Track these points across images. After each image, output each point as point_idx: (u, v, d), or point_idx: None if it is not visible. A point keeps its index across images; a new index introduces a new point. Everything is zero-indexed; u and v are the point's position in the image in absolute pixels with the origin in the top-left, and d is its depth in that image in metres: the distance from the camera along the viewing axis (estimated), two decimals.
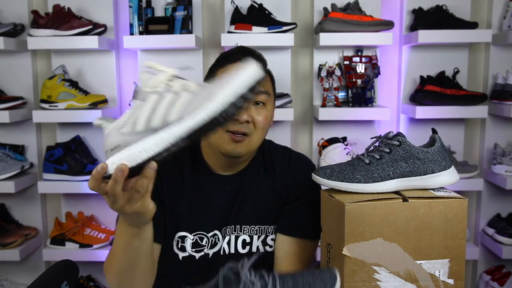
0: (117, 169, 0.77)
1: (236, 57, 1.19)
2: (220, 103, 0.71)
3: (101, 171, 0.79)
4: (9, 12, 2.21)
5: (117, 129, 0.78)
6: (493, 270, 2.30)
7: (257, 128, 1.15)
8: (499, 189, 2.26)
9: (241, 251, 1.21)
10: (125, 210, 0.86)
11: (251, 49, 1.24)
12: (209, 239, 1.20)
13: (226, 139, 1.12)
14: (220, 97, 0.71)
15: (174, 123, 0.74)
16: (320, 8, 2.15)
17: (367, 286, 0.94)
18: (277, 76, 2.19)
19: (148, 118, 0.75)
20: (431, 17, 2.11)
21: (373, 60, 2.15)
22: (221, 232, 1.20)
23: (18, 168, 2.13)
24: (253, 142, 1.15)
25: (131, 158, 0.76)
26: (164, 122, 0.75)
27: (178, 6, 2.08)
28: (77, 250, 2.18)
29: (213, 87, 0.73)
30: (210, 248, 1.20)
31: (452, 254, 0.94)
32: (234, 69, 0.75)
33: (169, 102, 0.75)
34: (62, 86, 2.07)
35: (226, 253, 1.20)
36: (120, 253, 1.04)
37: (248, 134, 1.13)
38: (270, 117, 1.20)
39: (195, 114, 0.72)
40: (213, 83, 0.75)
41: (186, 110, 0.73)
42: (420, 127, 2.26)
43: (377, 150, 1.00)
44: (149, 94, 0.76)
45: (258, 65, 0.74)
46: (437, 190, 0.98)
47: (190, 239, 1.19)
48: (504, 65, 2.22)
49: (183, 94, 0.75)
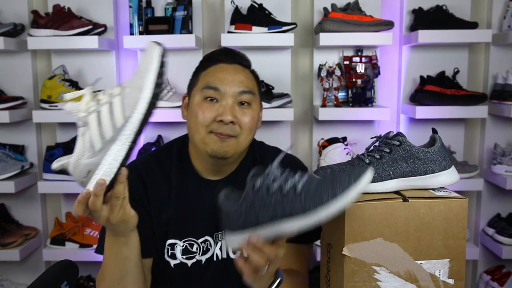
0: (96, 184, 0.83)
1: (218, 59, 1.19)
2: (149, 88, 0.81)
3: (86, 196, 0.84)
4: (9, 12, 2.21)
5: (79, 159, 0.84)
6: (493, 270, 2.30)
7: (243, 129, 1.13)
8: (499, 189, 2.26)
9: (232, 257, 1.19)
10: (111, 221, 0.90)
11: (233, 49, 1.24)
12: (199, 245, 1.18)
13: (212, 138, 1.12)
14: (147, 83, 0.81)
15: (124, 124, 0.82)
16: (320, 8, 2.15)
17: (367, 286, 0.93)
18: (277, 76, 2.21)
19: (101, 135, 0.83)
20: (431, 17, 2.11)
21: (373, 60, 2.15)
22: (212, 237, 1.19)
23: (18, 168, 2.13)
24: (240, 143, 1.14)
25: (107, 172, 0.83)
26: (115, 129, 0.82)
27: (178, 6, 2.08)
28: (77, 250, 2.18)
29: (134, 81, 0.83)
30: (202, 254, 1.18)
31: (452, 254, 0.94)
32: (142, 57, 0.84)
33: (108, 112, 0.83)
34: (62, 86, 2.07)
35: (219, 258, 1.19)
36: (111, 265, 1.05)
37: (234, 136, 1.12)
38: (257, 117, 1.18)
39: (136, 107, 0.81)
40: (131, 78, 0.84)
41: (126, 110, 0.82)
42: (420, 127, 2.26)
43: (377, 150, 1.00)
44: (87, 117, 0.84)
45: (157, 44, 0.82)
46: (437, 190, 0.98)
47: (180, 246, 1.17)
48: (504, 65, 2.22)
49: (114, 100, 0.83)
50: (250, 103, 1.16)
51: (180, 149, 1.24)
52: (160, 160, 1.22)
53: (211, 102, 1.13)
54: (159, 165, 1.21)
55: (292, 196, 0.83)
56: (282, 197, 0.83)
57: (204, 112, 1.12)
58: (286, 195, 0.83)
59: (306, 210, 0.82)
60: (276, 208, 0.83)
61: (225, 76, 1.15)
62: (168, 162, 1.21)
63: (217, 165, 1.18)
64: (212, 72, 1.17)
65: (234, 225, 0.88)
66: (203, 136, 1.12)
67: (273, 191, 0.83)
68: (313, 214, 0.82)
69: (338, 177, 0.83)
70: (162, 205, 1.18)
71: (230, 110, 1.11)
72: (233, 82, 1.14)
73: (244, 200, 0.86)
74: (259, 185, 0.84)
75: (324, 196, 0.82)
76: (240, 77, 1.16)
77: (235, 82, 1.14)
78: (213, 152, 1.12)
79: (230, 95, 1.13)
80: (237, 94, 1.13)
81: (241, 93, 1.14)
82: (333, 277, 1.01)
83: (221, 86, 1.13)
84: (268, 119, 2.07)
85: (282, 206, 0.83)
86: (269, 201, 0.84)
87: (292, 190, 0.83)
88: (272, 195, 0.84)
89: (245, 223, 0.87)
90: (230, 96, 1.13)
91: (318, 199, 0.82)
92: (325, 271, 1.06)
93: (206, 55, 1.24)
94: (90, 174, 0.83)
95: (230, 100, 1.13)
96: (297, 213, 0.82)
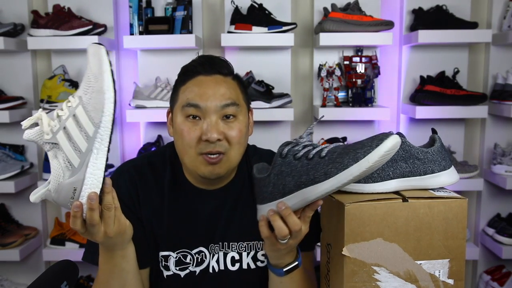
0: (88, 198, 0.81)
1: (195, 71, 1.11)
2: (110, 85, 0.81)
3: (79, 209, 0.82)
4: (9, 12, 2.21)
5: (60, 182, 0.82)
6: (493, 270, 2.30)
7: (232, 143, 1.07)
8: (499, 189, 2.26)
9: (231, 269, 1.16)
10: (108, 234, 0.89)
11: (212, 56, 1.16)
12: (193, 256, 1.14)
13: (201, 162, 1.06)
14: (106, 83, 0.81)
15: (97, 130, 0.81)
16: (320, 8, 2.15)
17: (367, 286, 0.93)
18: (277, 76, 2.22)
19: (75, 149, 0.81)
20: (431, 17, 2.11)
21: (373, 60, 2.15)
22: (207, 249, 1.15)
23: (18, 168, 2.13)
24: (232, 158, 1.08)
25: (95, 184, 0.82)
26: (89, 138, 0.81)
27: (178, 6, 2.08)
28: (77, 250, 2.18)
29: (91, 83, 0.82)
30: (196, 266, 1.14)
31: (452, 254, 0.94)
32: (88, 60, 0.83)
33: (75, 124, 0.81)
34: (62, 86, 2.07)
35: (215, 270, 1.15)
36: (109, 280, 1.02)
37: (223, 153, 1.06)
38: (245, 128, 1.11)
39: (103, 110, 0.81)
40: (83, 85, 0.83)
41: (94, 115, 0.81)
42: (420, 127, 2.26)
43: None
44: (54, 136, 0.81)
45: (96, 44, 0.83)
46: (437, 190, 0.98)
47: (173, 257, 1.13)
48: (504, 65, 2.22)
49: (77, 110, 0.81)
50: (236, 115, 1.09)
51: (171, 157, 1.18)
52: (153, 164, 1.17)
53: (194, 120, 1.07)
54: (152, 170, 1.16)
55: (317, 161, 0.83)
56: (307, 163, 0.84)
57: (189, 132, 1.06)
58: (311, 160, 0.83)
59: (328, 174, 0.82)
60: (302, 174, 0.84)
61: (205, 90, 1.07)
62: (161, 168, 1.17)
63: (210, 182, 1.14)
64: (190, 87, 1.09)
65: (263, 195, 0.89)
66: (193, 159, 1.07)
67: (300, 156, 0.84)
68: (335, 178, 0.82)
69: (362, 142, 0.84)
70: (154, 215, 1.14)
71: (214, 127, 1.04)
72: (213, 97, 1.06)
73: (273, 168, 0.86)
74: (286, 152, 0.85)
75: (345, 159, 0.82)
76: (221, 90, 1.08)
77: (216, 96, 1.06)
78: (204, 175, 1.08)
79: (213, 111, 1.06)
80: (220, 109, 1.06)
81: (224, 106, 1.06)
82: (333, 277, 1.01)
83: (202, 103, 1.06)
84: (268, 119, 2.07)
85: (307, 171, 0.84)
86: (295, 166, 0.84)
87: (317, 156, 0.84)
88: (298, 160, 0.84)
89: (273, 192, 0.88)
90: (212, 112, 1.05)
91: (340, 162, 0.82)
92: (325, 272, 1.06)
93: (184, 67, 1.15)
94: (77, 192, 0.81)
95: (214, 117, 1.06)
96: (320, 178, 0.83)
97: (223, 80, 1.11)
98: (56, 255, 2.18)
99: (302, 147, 0.87)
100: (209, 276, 1.15)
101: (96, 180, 0.82)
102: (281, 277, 1.03)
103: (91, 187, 0.81)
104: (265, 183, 0.89)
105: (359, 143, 0.84)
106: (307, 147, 0.86)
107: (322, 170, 0.83)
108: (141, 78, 2.23)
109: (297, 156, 0.84)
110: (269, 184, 0.88)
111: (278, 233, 0.89)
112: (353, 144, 0.85)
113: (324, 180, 0.83)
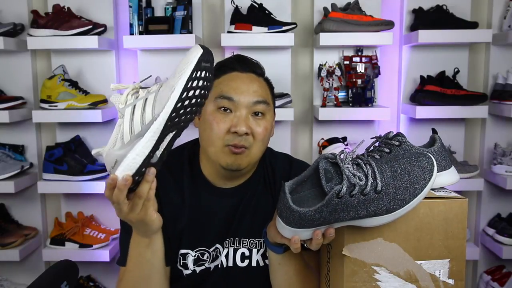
0: (121, 179, 0.83)
1: (231, 67, 1.16)
2: (180, 87, 0.81)
3: (112, 182, 0.84)
4: (9, 12, 2.20)
5: (111, 148, 0.86)
6: (494, 270, 2.30)
7: (256, 139, 1.11)
8: (499, 189, 2.26)
9: (240, 265, 1.18)
10: (130, 218, 0.91)
11: (247, 57, 1.21)
12: (210, 253, 1.17)
13: (226, 152, 1.09)
14: (179, 84, 0.81)
15: (152, 121, 0.83)
16: (320, 8, 2.15)
17: (367, 286, 0.93)
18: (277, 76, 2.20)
19: (131, 128, 0.85)
20: (431, 17, 2.11)
21: (373, 60, 2.14)
22: (222, 245, 1.18)
23: (18, 168, 2.13)
24: (253, 154, 1.12)
25: (130, 166, 0.84)
26: (143, 125, 0.84)
27: (178, 6, 2.08)
28: (77, 250, 2.17)
29: (170, 80, 0.83)
30: (211, 262, 1.17)
31: (452, 254, 0.94)
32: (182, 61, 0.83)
33: (141, 107, 0.85)
34: (62, 86, 2.07)
35: (224, 266, 1.17)
36: (133, 268, 1.05)
37: (247, 147, 1.10)
38: (270, 127, 1.16)
39: (164, 106, 0.82)
40: (169, 78, 0.85)
41: (156, 107, 0.83)
42: (420, 127, 2.25)
43: (377, 150, 1.00)
44: (124, 109, 0.87)
45: (199, 47, 0.83)
46: (437, 190, 0.98)
47: (192, 256, 1.16)
48: (504, 65, 2.22)
49: (150, 96, 0.85)
50: (264, 114, 1.13)
51: (190, 156, 1.21)
52: (170, 167, 1.18)
53: (225, 112, 1.10)
54: (170, 173, 1.18)
55: (373, 196, 0.85)
56: (364, 199, 0.85)
57: (219, 123, 1.09)
58: (367, 195, 0.85)
59: (390, 210, 0.87)
60: (359, 209, 0.86)
61: (239, 85, 1.12)
62: (178, 169, 1.19)
63: (229, 176, 1.16)
64: (225, 81, 1.13)
65: (303, 223, 0.88)
66: (218, 149, 1.10)
67: (355, 193, 0.85)
68: (396, 213, 0.87)
69: (412, 173, 0.87)
70: (175, 216, 1.16)
71: (244, 121, 1.08)
72: (247, 92, 1.11)
73: (325, 207, 0.85)
74: (343, 193, 0.84)
75: (406, 196, 0.87)
76: (254, 87, 1.13)
77: (250, 92, 1.11)
78: (227, 165, 1.11)
79: (245, 106, 1.10)
80: (252, 105, 1.11)
81: (255, 103, 1.11)
82: (333, 277, 1.00)
83: (235, 96, 1.10)
84: None
85: (365, 207, 0.86)
86: (351, 203, 0.85)
87: (373, 191, 0.85)
88: (354, 196, 0.85)
89: (322, 223, 0.88)
90: (244, 106, 1.10)
91: (401, 200, 0.87)
92: (325, 271, 1.06)
93: (219, 62, 1.20)
94: (116, 166, 0.85)
95: (244, 111, 1.10)
96: (381, 213, 0.87)
97: (256, 79, 1.16)
98: (56, 255, 2.18)
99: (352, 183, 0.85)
100: (218, 271, 1.17)
101: (132, 164, 0.83)
102: (280, 257, 1.06)
103: (126, 168, 0.84)
104: (311, 217, 0.87)
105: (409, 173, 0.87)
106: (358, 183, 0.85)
107: (384, 207, 0.86)
108: (141, 78, 2.23)
109: (352, 193, 0.84)
110: (319, 218, 0.86)
111: (314, 247, 0.93)
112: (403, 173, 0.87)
113: (386, 215, 0.87)
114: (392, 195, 0.86)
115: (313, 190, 0.92)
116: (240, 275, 1.18)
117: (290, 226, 0.90)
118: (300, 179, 0.92)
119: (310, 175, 0.91)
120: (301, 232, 0.90)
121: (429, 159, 0.88)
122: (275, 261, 1.08)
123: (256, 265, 1.18)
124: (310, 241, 0.92)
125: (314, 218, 0.86)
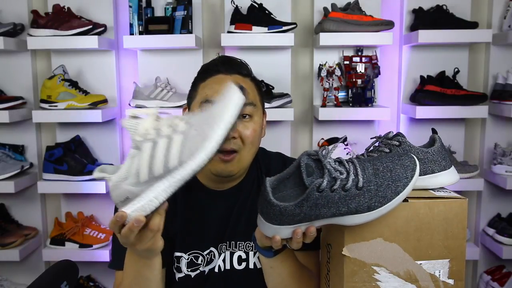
0: (134, 220, 0.78)
1: (216, 69, 1.14)
2: (215, 141, 0.75)
3: (120, 220, 0.80)
4: (9, 12, 2.21)
5: (121, 181, 0.79)
6: (494, 270, 2.30)
7: (245, 143, 1.09)
8: (499, 189, 2.26)
9: (237, 268, 1.17)
10: (136, 248, 0.87)
11: (232, 58, 1.19)
12: (204, 257, 1.15)
13: (215, 160, 1.07)
14: (215, 136, 0.75)
15: (177, 167, 0.76)
16: (320, 8, 2.15)
17: (367, 286, 0.93)
18: (277, 76, 2.21)
19: (150, 168, 0.77)
20: (431, 17, 2.11)
21: (373, 60, 2.14)
22: (217, 249, 1.16)
23: (18, 168, 2.13)
24: (244, 158, 1.11)
25: (145, 208, 0.78)
26: (166, 169, 0.76)
27: (178, 6, 2.08)
28: (77, 250, 2.18)
29: (203, 125, 0.76)
30: (206, 265, 1.16)
31: (452, 254, 0.94)
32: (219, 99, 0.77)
33: (165, 148, 0.77)
34: (62, 86, 2.07)
35: (221, 270, 1.16)
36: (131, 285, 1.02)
37: (237, 151, 1.09)
38: (259, 128, 1.14)
39: (195, 156, 0.75)
40: (200, 118, 0.78)
41: (184, 154, 0.76)
42: (420, 127, 2.25)
43: (377, 150, 1.00)
44: (142, 143, 0.78)
45: (239, 92, 0.77)
46: (437, 190, 0.97)
47: (185, 259, 1.15)
48: (504, 65, 2.22)
49: (175, 137, 0.77)
50: (252, 115, 1.11)
51: None
52: None
53: None
54: None
55: (355, 193, 0.85)
56: (345, 194, 0.84)
57: None
58: (348, 191, 0.84)
59: (371, 207, 0.86)
60: (340, 205, 0.85)
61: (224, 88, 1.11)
62: None
63: (222, 180, 1.16)
64: (210, 84, 1.12)
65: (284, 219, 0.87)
66: None
67: (336, 188, 0.84)
68: (378, 210, 0.86)
69: (394, 170, 0.87)
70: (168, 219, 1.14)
71: None
72: None
73: (306, 201, 0.84)
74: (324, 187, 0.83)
75: (388, 193, 0.86)
76: None
77: None
78: (217, 173, 1.10)
79: None
80: None
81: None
82: (333, 277, 1.00)
83: None
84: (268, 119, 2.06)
85: (346, 203, 0.85)
86: (331, 198, 0.84)
87: (354, 187, 0.85)
88: (334, 192, 0.84)
89: (302, 220, 0.87)
90: None
91: (382, 197, 0.86)
92: (325, 271, 1.06)
93: (204, 65, 1.19)
94: (126, 201, 0.79)
95: None
96: (362, 210, 0.86)
97: (242, 80, 1.14)
98: (56, 255, 2.18)
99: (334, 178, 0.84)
100: (215, 275, 1.16)
101: (148, 206, 0.78)
102: (271, 261, 1.04)
103: (141, 209, 0.78)
104: (291, 211, 0.86)
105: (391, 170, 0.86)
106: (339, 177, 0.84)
107: (365, 203, 0.85)
108: (141, 78, 2.23)
109: (333, 188, 0.84)
110: (299, 213, 0.86)
111: (295, 246, 0.91)
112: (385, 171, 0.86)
113: (367, 212, 0.86)
114: (374, 192, 0.85)
115: (296, 189, 0.91)
116: (238, 278, 1.17)
117: (270, 223, 0.89)
118: (282, 176, 0.91)
119: (292, 172, 0.90)
120: (282, 230, 0.89)
121: (412, 159, 0.88)
122: (267, 265, 1.07)
123: (254, 267, 1.17)
124: (291, 240, 0.90)
125: (295, 213, 0.85)
